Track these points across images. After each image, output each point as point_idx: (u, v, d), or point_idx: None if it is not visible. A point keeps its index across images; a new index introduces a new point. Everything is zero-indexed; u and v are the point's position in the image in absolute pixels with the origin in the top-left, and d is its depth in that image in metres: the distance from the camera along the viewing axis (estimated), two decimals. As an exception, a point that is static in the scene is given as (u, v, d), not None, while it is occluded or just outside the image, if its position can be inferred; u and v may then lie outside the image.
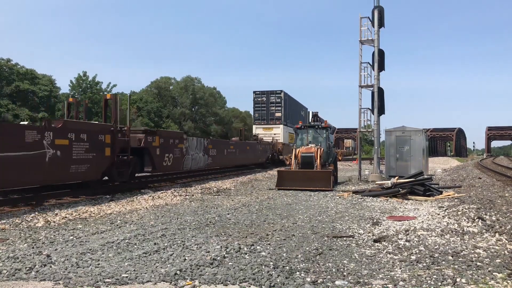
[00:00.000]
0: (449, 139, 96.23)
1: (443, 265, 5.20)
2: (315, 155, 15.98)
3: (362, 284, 4.60)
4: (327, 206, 10.78)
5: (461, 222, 7.99)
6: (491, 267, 5.05)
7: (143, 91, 73.12)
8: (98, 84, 47.26)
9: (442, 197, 12.21)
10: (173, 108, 73.29)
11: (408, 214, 9.56)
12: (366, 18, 19.88)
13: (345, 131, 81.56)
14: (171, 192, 13.86)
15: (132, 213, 9.67)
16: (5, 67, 45.20)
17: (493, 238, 6.60)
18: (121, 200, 11.92)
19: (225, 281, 4.67)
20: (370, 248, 6.24)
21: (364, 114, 20.30)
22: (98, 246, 6.28)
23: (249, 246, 6.17)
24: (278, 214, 9.51)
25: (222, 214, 9.34)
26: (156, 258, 5.60)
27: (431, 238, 6.77)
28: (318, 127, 17.85)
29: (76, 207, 10.46)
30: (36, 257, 5.63)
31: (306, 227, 7.91)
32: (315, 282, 4.65)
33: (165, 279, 4.73)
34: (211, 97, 77.87)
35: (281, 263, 5.32)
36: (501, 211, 8.87)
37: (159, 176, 18.55)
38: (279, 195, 13.37)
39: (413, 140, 20.56)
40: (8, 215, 9.18)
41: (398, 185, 12.78)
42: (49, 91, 48.16)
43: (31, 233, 7.35)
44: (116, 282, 4.65)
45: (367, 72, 20.10)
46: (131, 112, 53.46)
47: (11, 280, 4.77)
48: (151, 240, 6.72)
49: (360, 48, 20.05)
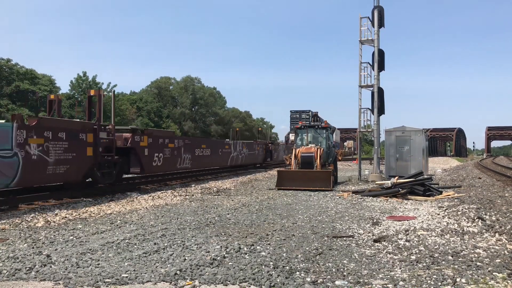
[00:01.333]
0: (449, 139, 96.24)
1: (443, 265, 5.20)
2: (315, 155, 15.99)
3: (362, 284, 4.60)
4: (327, 206, 10.78)
5: (461, 222, 7.99)
6: (491, 267, 5.05)
7: (143, 91, 73.13)
8: (98, 84, 47.28)
9: (442, 197, 12.21)
10: (173, 108, 73.30)
11: (408, 214, 9.56)
12: (366, 18, 19.88)
13: (345, 131, 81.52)
14: (171, 192, 13.87)
15: (132, 213, 9.67)
16: (5, 67, 45.20)
17: (493, 238, 6.61)
18: (121, 200, 11.92)
19: (225, 281, 4.67)
20: (370, 248, 6.24)
21: (364, 114, 20.32)
22: (98, 246, 6.28)
23: (249, 246, 6.17)
24: (278, 214, 9.51)
25: (222, 214, 9.34)
26: (156, 258, 5.60)
27: (431, 238, 6.77)
28: (318, 127, 17.85)
29: (76, 207, 10.46)
30: (36, 257, 5.63)
31: (306, 227, 7.91)
32: (315, 282, 4.65)
33: (165, 279, 4.73)
34: (211, 97, 77.92)
35: (281, 263, 5.32)
36: (501, 211, 8.87)
37: (153, 177, 17.94)
38: (279, 195, 13.37)
39: (413, 140, 20.56)
40: (8, 215, 9.19)
41: (398, 185, 12.78)
42: (49, 91, 48.17)
43: (31, 233, 7.34)
44: (116, 282, 4.65)
45: (367, 72, 20.11)
46: (131, 112, 53.45)
47: (11, 280, 4.77)
48: (151, 240, 6.72)
49: (360, 48, 20.05)
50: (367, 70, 20.10)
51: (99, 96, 12.79)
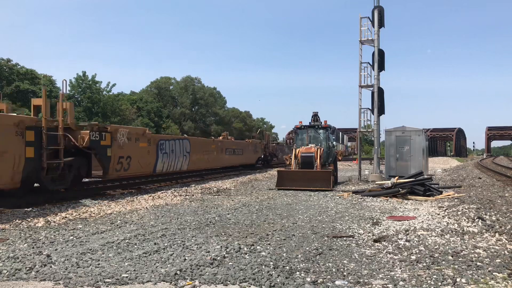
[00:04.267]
0: (449, 139, 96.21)
1: (443, 265, 5.20)
2: (315, 155, 15.99)
3: (362, 284, 4.60)
4: (327, 206, 10.78)
5: (461, 222, 7.99)
6: (491, 267, 5.05)
7: (143, 91, 73.11)
8: (97, 83, 47.28)
9: (442, 197, 12.20)
10: (173, 108, 73.35)
11: (408, 214, 9.56)
12: (366, 18, 19.88)
13: (345, 131, 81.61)
14: (171, 192, 13.87)
15: (132, 213, 9.67)
16: (5, 67, 45.23)
17: (493, 238, 6.61)
18: (121, 200, 11.91)
19: (225, 281, 4.67)
20: (370, 248, 6.24)
21: (364, 114, 20.32)
22: (98, 246, 6.28)
23: (249, 246, 6.17)
24: (278, 214, 9.51)
25: (222, 214, 9.34)
26: (156, 258, 5.60)
27: (431, 238, 6.77)
28: (318, 127, 17.84)
29: (76, 207, 10.46)
30: (36, 257, 5.63)
31: (306, 227, 7.91)
32: (315, 282, 4.65)
33: (165, 279, 4.73)
34: (211, 97, 77.91)
35: (281, 263, 5.32)
36: (501, 211, 8.87)
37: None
38: (279, 195, 13.37)
39: (413, 140, 20.55)
40: (8, 215, 9.18)
41: (398, 185, 12.78)
42: (49, 91, 48.17)
43: (31, 233, 7.35)
44: (116, 282, 4.65)
45: (367, 72, 20.10)
46: (131, 112, 53.41)
47: (11, 280, 4.77)
48: (151, 240, 6.72)
49: (360, 48, 20.04)
50: (367, 70, 20.12)
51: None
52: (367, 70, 20.10)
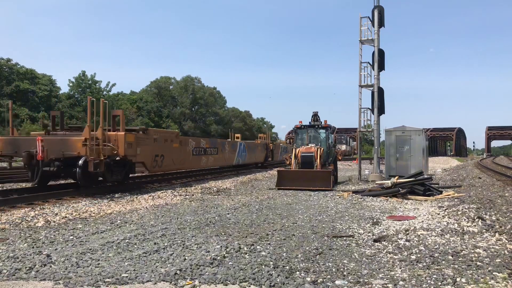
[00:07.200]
0: (449, 139, 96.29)
1: (443, 265, 5.20)
2: (315, 155, 15.98)
3: (362, 283, 4.60)
4: (327, 206, 10.78)
5: (461, 222, 7.99)
6: (491, 267, 5.05)
7: (143, 91, 73.10)
8: (97, 83, 47.27)
9: (442, 197, 12.20)
10: (173, 108, 73.35)
11: (408, 214, 9.56)
12: (366, 18, 19.88)
13: (345, 131, 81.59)
14: (171, 192, 13.86)
15: (132, 213, 9.67)
16: (5, 67, 45.21)
17: (493, 238, 6.60)
18: (121, 200, 11.91)
19: (225, 280, 4.67)
20: (370, 247, 6.24)
21: (364, 114, 20.32)
22: (98, 246, 6.28)
23: (249, 246, 6.17)
24: (278, 214, 9.51)
25: (222, 214, 9.34)
26: (156, 258, 5.60)
27: (431, 237, 6.77)
28: (318, 127, 17.84)
29: (76, 207, 10.45)
30: (36, 257, 5.63)
31: (306, 226, 7.91)
32: (315, 281, 4.65)
33: (165, 278, 4.73)
34: (211, 97, 77.93)
35: (281, 263, 5.32)
36: (501, 211, 8.87)
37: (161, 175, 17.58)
38: (279, 195, 13.37)
39: (413, 140, 20.55)
40: (8, 214, 9.18)
41: (398, 185, 12.78)
42: (49, 90, 48.17)
43: (31, 233, 7.34)
44: (116, 282, 4.65)
45: (367, 72, 20.11)
46: (131, 112, 53.40)
47: (11, 280, 4.76)
48: (151, 240, 6.72)
49: (360, 48, 20.04)
50: (367, 70, 20.13)
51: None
52: (367, 69, 20.13)
